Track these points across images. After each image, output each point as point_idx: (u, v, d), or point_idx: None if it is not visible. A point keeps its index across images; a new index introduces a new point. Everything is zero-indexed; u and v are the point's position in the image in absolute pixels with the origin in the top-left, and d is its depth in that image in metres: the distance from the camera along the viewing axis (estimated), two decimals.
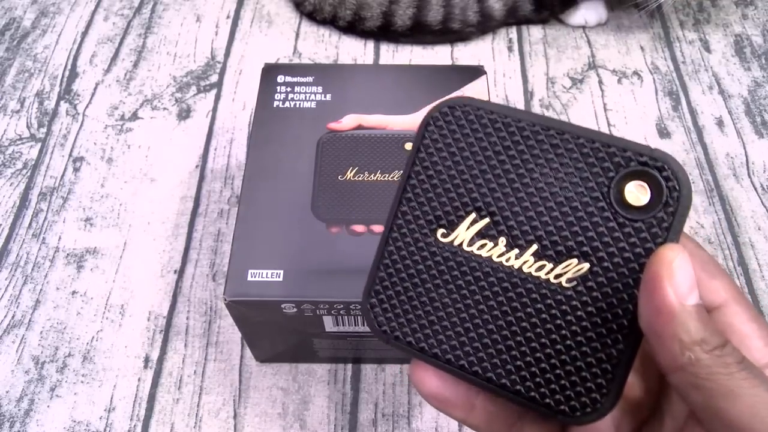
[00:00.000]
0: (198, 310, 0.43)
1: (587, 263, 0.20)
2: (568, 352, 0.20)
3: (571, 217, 0.20)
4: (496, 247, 0.21)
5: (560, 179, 0.20)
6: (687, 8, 0.61)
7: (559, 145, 0.20)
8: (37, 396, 0.40)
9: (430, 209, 0.21)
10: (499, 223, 0.21)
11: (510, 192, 0.20)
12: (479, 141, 0.21)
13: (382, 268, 0.22)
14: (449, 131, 0.21)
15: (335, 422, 0.39)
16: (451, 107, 0.21)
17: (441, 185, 0.21)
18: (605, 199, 0.19)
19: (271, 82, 0.41)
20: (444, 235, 0.21)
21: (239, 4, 0.61)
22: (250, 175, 0.37)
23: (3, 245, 0.46)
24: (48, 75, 0.56)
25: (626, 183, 0.19)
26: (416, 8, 0.56)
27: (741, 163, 0.50)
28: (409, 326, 0.21)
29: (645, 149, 0.19)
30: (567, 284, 0.20)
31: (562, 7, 0.58)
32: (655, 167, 0.19)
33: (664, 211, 0.19)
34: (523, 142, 0.20)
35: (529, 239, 0.20)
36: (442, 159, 0.21)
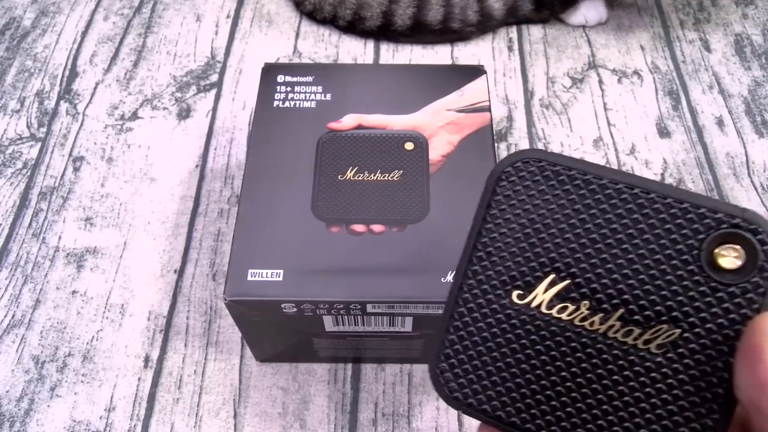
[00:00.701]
0: (198, 310, 0.43)
1: (678, 329, 0.19)
2: (659, 422, 0.19)
3: (659, 280, 0.19)
4: (578, 311, 0.20)
5: (646, 240, 0.19)
6: (687, 8, 0.61)
7: (644, 204, 0.19)
8: (37, 396, 0.40)
9: (505, 269, 0.21)
10: (581, 285, 0.20)
11: (592, 253, 0.20)
12: (557, 198, 0.20)
13: (452, 330, 0.21)
14: (524, 187, 0.20)
15: (335, 422, 0.39)
16: (525, 161, 0.20)
17: (516, 244, 0.20)
18: (695, 262, 0.19)
19: (271, 81, 0.41)
20: (520, 296, 0.20)
21: (239, 4, 0.61)
22: (250, 174, 0.37)
23: (3, 245, 0.46)
24: (48, 74, 0.56)
25: (718, 246, 0.18)
26: (416, 8, 0.55)
27: (741, 163, 0.50)
28: (484, 393, 0.21)
29: (737, 210, 0.18)
30: (657, 350, 0.19)
31: (562, 6, 0.58)
32: (749, 230, 0.18)
33: (760, 276, 0.18)
34: (605, 201, 0.20)
35: (614, 303, 0.19)
36: (516, 216, 0.20)
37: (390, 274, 0.33)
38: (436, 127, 0.38)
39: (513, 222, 0.21)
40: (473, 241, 0.21)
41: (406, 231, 0.34)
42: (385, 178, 0.36)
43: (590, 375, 0.19)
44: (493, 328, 0.21)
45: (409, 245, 0.34)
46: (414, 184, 0.36)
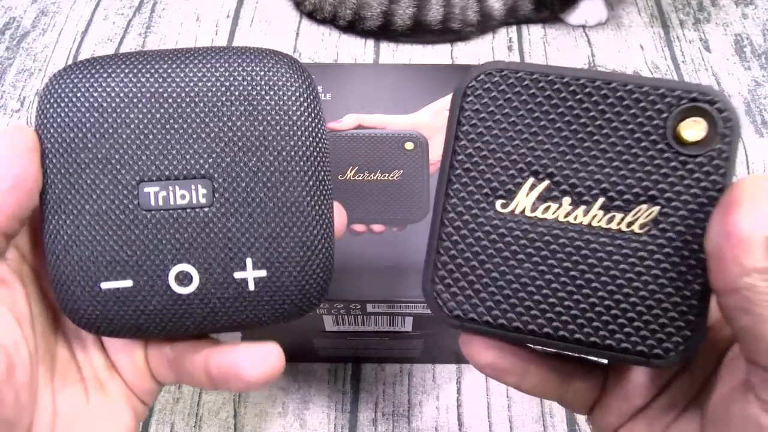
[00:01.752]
0: None
1: (656, 206, 0.20)
2: (653, 296, 0.20)
3: (632, 163, 0.20)
4: (561, 208, 0.20)
5: (614, 128, 0.20)
6: (687, 8, 0.61)
7: (607, 95, 0.20)
8: None
9: (484, 181, 0.21)
10: (560, 183, 0.20)
11: (566, 150, 0.20)
12: (525, 104, 0.20)
13: (442, 251, 0.21)
14: (490, 99, 0.21)
15: (335, 421, 0.39)
16: (487, 73, 0.21)
17: (491, 155, 0.21)
18: (663, 140, 0.20)
19: None
20: (504, 205, 0.21)
21: (239, 4, 0.61)
22: None
23: None
24: (48, 74, 0.56)
25: (681, 121, 0.19)
26: (416, 8, 0.56)
27: (741, 163, 0.50)
28: (483, 305, 0.21)
29: (692, 86, 0.19)
30: (640, 230, 0.20)
31: (562, 6, 0.58)
32: (706, 101, 0.19)
33: (722, 142, 0.19)
34: (571, 98, 0.20)
35: (594, 194, 0.20)
36: (487, 128, 0.21)
37: (390, 274, 0.33)
38: (436, 127, 0.38)
39: (485, 134, 0.21)
40: (449, 161, 0.21)
41: (406, 231, 0.34)
42: (385, 178, 0.36)
43: (582, 266, 0.20)
44: (482, 240, 0.21)
45: (409, 245, 0.34)
46: (414, 184, 0.36)
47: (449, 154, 0.21)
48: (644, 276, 0.20)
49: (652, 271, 0.20)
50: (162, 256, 0.21)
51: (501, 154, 0.21)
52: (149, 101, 0.21)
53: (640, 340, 0.20)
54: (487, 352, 0.22)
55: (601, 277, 0.20)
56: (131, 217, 0.21)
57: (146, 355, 0.24)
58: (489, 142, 0.21)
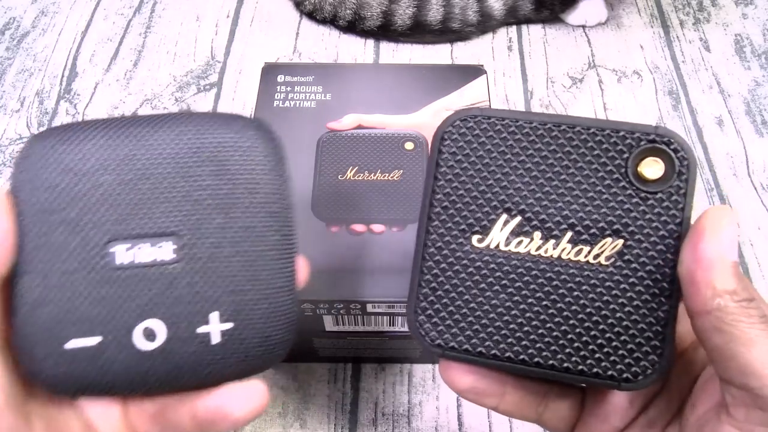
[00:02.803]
0: None
1: (621, 239, 0.21)
2: (620, 323, 0.21)
3: (597, 200, 0.22)
4: (532, 242, 0.22)
5: (580, 168, 0.22)
6: (687, 8, 0.61)
7: (572, 137, 0.22)
8: None
9: (461, 218, 0.22)
10: (531, 219, 0.22)
11: (535, 188, 0.22)
12: (497, 147, 0.22)
13: (423, 284, 0.23)
14: (465, 142, 0.22)
15: (335, 421, 0.39)
16: (462, 120, 0.22)
17: (467, 194, 0.22)
18: (625, 179, 0.21)
19: (271, 81, 0.41)
20: (480, 240, 0.22)
21: (239, 4, 0.61)
22: None
23: None
24: (48, 74, 0.56)
25: (640, 160, 0.21)
26: (416, 8, 0.56)
27: (741, 163, 0.50)
28: (463, 334, 0.22)
29: (650, 128, 0.21)
30: (606, 262, 0.21)
31: (562, 6, 0.58)
32: (663, 142, 0.21)
33: (679, 179, 0.21)
34: (539, 141, 0.22)
35: (562, 228, 0.22)
36: (463, 169, 0.22)
37: (390, 274, 0.33)
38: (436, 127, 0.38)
39: (461, 175, 0.23)
40: (428, 200, 0.23)
41: (406, 231, 0.34)
42: (385, 178, 0.36)
43: (554, 296, 0.22)
44: (460, 274, 0.22)
45: (409, 245, 0.34)
46: (414, 184, 0.36)
47: (429, 194, 0.23)
48: (611, 305, 0.21)
49: (618, 300, 0.21)
50: (128, 312, 0.21)
51: (476, 192, 0.22)
52: (120, 164, 0.21)
53: (610, 365, 0.21)
54: (465, 377, 0.23)
55: (571, 306, 0.22)
56: (99, 276, 0.21)
57: (125, 413, 0.23)
58: (465, 182, 0.22)
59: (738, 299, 0.19)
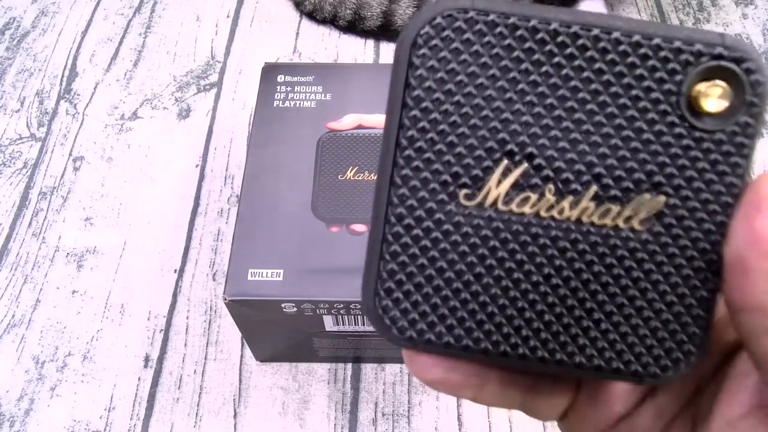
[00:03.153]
0: (198, 310, 0.43)
1: (662, 196, 0.16)
2: (652, 306, 0.16)
3: (634, 141, 0.16)
4: (543, 199, 0.16)
5: (614, 95, 0.16)
6: (687, 8, 0.61)
7: (607, 49, 0.15)
8: (37, 395, 0.40)
9: (443, 165, 0.16)
10: (542, 166, 0.16)
11: (550, 123, 0.16)
12: (498, 60, 0.16)
13: (389, 257, 0.17)
14: (450, 52, 0.16)
15: (335, 421, 0.39)
16: (446, 16, 0.16)
17: (452, 130, 0.16)
18: (675, 111, 0.16)
19: (271, 81, 0.41)
20: (468, 196, 0.16)
21: (239, 4, 0.61)
22: (250, 174, 0.37)
23: (3, 244, 0.46)
24: (48, 74, 0.56)
25: (698, 85, 0.15)
26: (416, 8, 0.55)
27: None
28: (443, 323, 0.17)
29: (715, 38, 0.15)
30: (640, 226, 0.16)
31: (561, 6, 0.58)
32: (733, 58, 0.15)
33: (748, 113, 0.15)
34: (559, 53, 0.15)
35: (584, 180, 0.16)
36: (446, 93, 0.16)
37: None
38: None
39: (443, 101, 0.16)
40: (395, 137, 0.16)
41: None
42: None
43: (568, 272, 0.16)
44: (441, 243, 0.16)
45: None
46: None
47: (395, 129, 0.16)
48: (643, 282, 0.16)
49: (653, 277, 0.16)
50: None
51: (465, 128, 0.16)
52: None
53: (635, 358, 0.17)
54: (434, 368, 0.18)
55: (590, 286, 0.16)
56: None
57: None
58: (449, 113, 0.16)
59: None
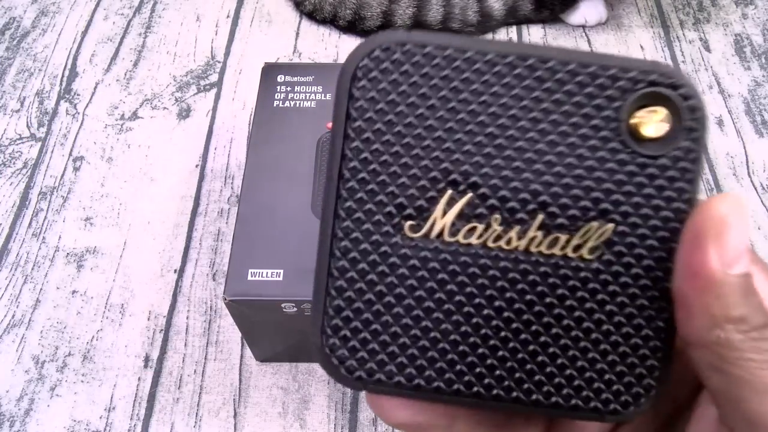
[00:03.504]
0: (198, 310, 0.43)
1: (610, 223, 0.16)
2: (607, 339, 0.16)
3: (578, 168, 0.15)
4: (489, 229, 0.16)
5: (554, 122, 0.15)
6: (687, 8, 0.61)
7: (544, 77, 0.15)
8: (37, 395, 0.40)
9: (387, 196, 0.16)
10: (487, 196, 0.16)
11: (493, 152, 0.15)
12: (436, 91, 0.16)
13: (334, 293, 0.17)
14: (390, 84, 0.16)
15: (335, 421, 0.39)
16: (385, 49, 0.16)
17: (395, 160, 0.16)
18: (617, 137, 0.15)
19: (271, 81, 0.41)
20: (414, 228, 0.16)
21: (239, 4, 0.61)
22: (250, 174, 0.37)
23: (3, 244, 0.46)
24: (48, 74, 0.56)
25: (637, 112, 0.15)
26: (416, 8, 0.56)
27: (741, 163, 0.50)
28: (393, 362, 0.16)
29: (650, 65, 0.15)
30: (590, 255, 0.16)
31: (562, 6, 0.58)
32: (669, 84, 0.15)
33: (689, 138, 0.15)
34: (497, 82, 0.15)
35: (530, 209, 0.16)
36: (387, 124, 0.16)
37: None
38: None
39: (385, 131, 0.16)
40: (338, 169, 0.16)
41: None
42: None
43: (519, 305, 0.16)
44: (387, 277, 0.16)
45: None
46: None
47: (337, 160, 0.16)
48: (597, 314, 0.16)
49: (606, 308, 0.16)
50: None
51: (407, 158, 0.16)
52: None
53: (593, 394, 0.16)
54: (400, 411, 0.17)
55: (543, 318, 0.16)
56: None
57: None
58: (390, 143, 0.16)
59: (746, 329, 0.14)
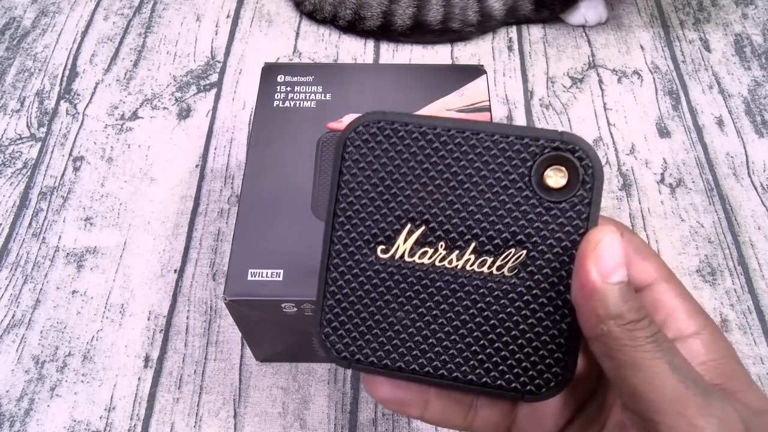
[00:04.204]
0: (198, 310, 0.43)
1: (524, 250, 0.21)
2: (523, 335, 0.21)
3: (501, 209, 0.21)
4: (437, 253, 0.22)
5: (483, 176, 0.21)
6: (687, 8, 0.61)
7: (476, 144, 0.21)
8: (37, 395, 0.40)
9: (365, 229, 0.22)
10: (435, 229, 0.22)
11: (439, 197, 0.21)
12: (400, 154, 0.22)
13: (329, 296, 0.22)
14: (368, 149, 0.22)
15: (335, 422, 0.39)
16: (365, 125, 0.22)
17: (371, 203, 0.22)
18: (528, 188, 0.21)
19: (271, 81, 0.41)
20: (384, 251, 0.22)
21: (239, 4, 0.61)
22: (250, 174, 0.37)
23: (3, 245, 0.46)
24: (48, 74, 0.56)
25: (544, 169, 0.21)
26: (416, 8, 0.55)
27: (741, 163, 0.50)
28: (369, 347, 0.22)
29: (555, 135, 0.20)
30: (509, 273, 0.21)
31: (562, 6, 0.58)
32: (568, 150, 0.20)
33: (583, 188, 0.20)
34: (442, 148, 0.21)
35: (466, 239, 0.21)
36: (366, 177, 0.22)
37: None
38: None
39: (365, 183, 0.22)
40: (332, 209, 0.22)
41: None
42: None
43: (458, 308, 0.22)
44: (365, 285, 0.22)
45: None
46: None
47: (333, 202, 0.22)
48: (515, 317, 0.21)
49: (522, 312, 0.21)
50: None
51: (380, 201, 0.22)
52: None
53: (513, 377, 0.21)
54: (383, 386, 0.23)
55: (475, 318, 0.21)
56: None
57: None
58: (368, 191, 0.22)
59: (623, 323, 0.18)
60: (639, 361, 0.18)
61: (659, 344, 0.18)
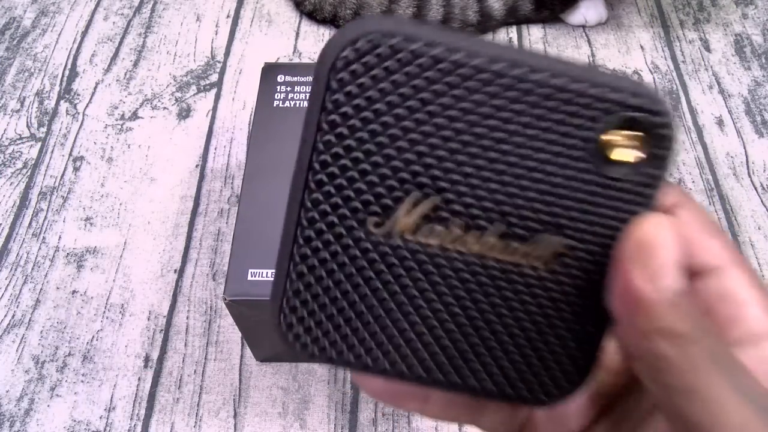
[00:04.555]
0: (198, 310, 0.43)
1: (562, 237, 0.16)
2: (544, 338, 0.17)
3: (544, 183, 0.16)
4: (449, 232, 0.16)
5: (531, 136, 0.16)
6: (687, 8, 0.61)
7: (530, 90, 0.15)
8: (37, 395, 0.40)
9: (354, 192, 0.16)
10: (452, 200, 0.16)
11: (464, 159, 0.16)
12: (417, 90, 0.15)
13: (294, 276, 0.17)
14: (371, 78, 0.15)
15: (335, 422, 0.39)
16: (369, 40, 0.15)
17: (366, 158, 0.16)
18: (588, 157, 0.16)
19: (271, 81, 0.41)
20: (377, 224, 0.16)
21: (239, 4, 0.61)
22: (250, 174, 0.37)
23: (3, 245, 0.46)
24: (48, 74, 0.56)
25: (612, 134, 0.16)
26: (416, 8, 0.56)
27: (741, 163, 0.50)
28: (346, 344, 0.17)
29: (633, 86, 0.15)
30: (539, 264, 0.17)
31: (562, 6, 0.58)
32: (651, 111, 0.15)
33: (653, 165, 0.16)
34: (481, 89, 0.15)
35: (492, 217, 0.16)
36: (363, 121, 0.16)
37: None
38: None
39: (359, 128, 0.16)
40: (308, 160, 0.16)
41: None
42: None
43: (466, 303, 0.17)
44: (347, 267, 0.17)
45: None
46: None
47: (308, 151, 0.16)
48: (536, 316, 0.17)
49: (546, 311, 0.17)
50: None
51: (379, 157, 0.16)
52: None
53: (523, 385, 0.17)
54: (374, 381, 0.18)
55: (486, 315, 0.17)
56: None
57: None
58: (363, 140, 0.16)
59: (680, 341, 0.14)
60: (696, 387, 0.14)
61: (723, 367, 0.14)
